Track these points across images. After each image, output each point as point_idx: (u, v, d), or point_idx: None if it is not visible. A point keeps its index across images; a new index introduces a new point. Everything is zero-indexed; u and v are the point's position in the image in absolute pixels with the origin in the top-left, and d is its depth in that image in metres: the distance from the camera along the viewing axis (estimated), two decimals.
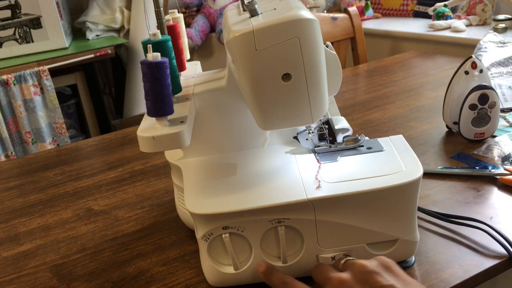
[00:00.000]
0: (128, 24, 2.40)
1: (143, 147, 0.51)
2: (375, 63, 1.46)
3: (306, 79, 0.49)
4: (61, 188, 0.86)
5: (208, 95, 0.59)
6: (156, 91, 0.49)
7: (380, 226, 0.53)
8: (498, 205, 0.66)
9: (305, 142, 0.61)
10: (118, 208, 0.77)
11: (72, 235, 0.71)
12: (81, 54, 2.07)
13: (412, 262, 0.56)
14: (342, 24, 1.64)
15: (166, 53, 0.53)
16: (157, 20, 0.57)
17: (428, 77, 1.25)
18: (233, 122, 0.61)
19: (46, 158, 1.00)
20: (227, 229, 0.51)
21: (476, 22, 2.02)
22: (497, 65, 1.11)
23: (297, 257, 0.53)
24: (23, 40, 2.13)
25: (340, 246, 0.53)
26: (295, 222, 0.51)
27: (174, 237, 0.67)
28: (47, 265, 0.64)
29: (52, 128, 2.06)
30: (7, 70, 1.95)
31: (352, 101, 1.14)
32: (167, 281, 0.58)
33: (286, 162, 0.59)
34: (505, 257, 0.56)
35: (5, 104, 1.95)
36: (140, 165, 0.91)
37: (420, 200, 0.67)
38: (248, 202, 0.51)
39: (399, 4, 2.44)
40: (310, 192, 0.51)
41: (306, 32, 0.47)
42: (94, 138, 1.10)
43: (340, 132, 0.61)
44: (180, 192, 0.64)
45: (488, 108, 0.81)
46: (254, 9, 0.50)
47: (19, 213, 0.79)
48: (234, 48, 0.48)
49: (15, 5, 2.09)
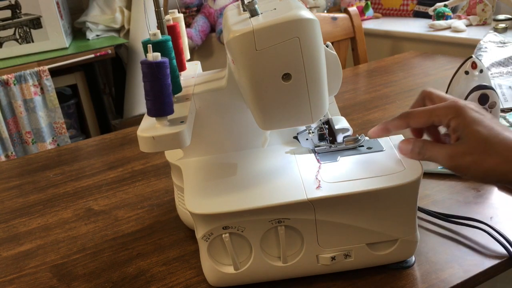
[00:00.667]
0: (128, 24, 2.40)
1: (143, 147, 0.51)
2: (375, 63, 1.46)
3: (306, 79, 0.49)
4: (61, 188, 0.86)
5: (208, 95, 0.59)
6: (156, 91, 0.49)
7: (380, 226, 0.53)
8: (498, 205, 0.66)
9: (305, 142, 0.61)
10: (118, 208, 0.77)
11: (72, 235, 0.71)
12: (81, 54, 2.07)
13: (412, 262, 0.56)
14: (342, 24, 1.64)
15: (166, 53, 0.53)
16: (157, 20, 0.57)
17: (428, 77, 1.25)
18: (233, 122, 0.61)
19: (46, 158, 1.00)
20: (227, 229, 0.51)
21: (476, 22, 2.02)
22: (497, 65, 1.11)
23: (297, 257, 0.53)
24: (23, 40, 2.13)
25: (340, 246, 0.53)
26: (295, 222, 0.51)
27: (174, 237, 0.67)
28: (47, 265, 0.64)
29: (52, 128, 2.06)
30: (7, 70, 1.95)
31: (352, 101, 1.14)
32: (167, 281, 0.58)
33: (286, 162, 0.59)
34: (505, 257, 0.56)
35: (5, 104, 1.95)
36: (140, 165, 0.91)
37: (420, 200, 0.67)
38: (248, 202, 0.51)
39: (399, 4, 2.44)
40: (310, 192, 0.51)
41: (306, 32, 0.47)
42: (94, 138, 1.10)
43: (340, 132, 0.61)
44: (180, 192, 0.64)
45: (488, 108, 0.81)
46: (254, 9, 0.50)
47: (19, 213, 0.79)
48: (234, 48, 0.48)
49: (15, 5, 2.09)
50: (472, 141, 0.49)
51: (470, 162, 0.49)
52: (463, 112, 0.50)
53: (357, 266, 0.55)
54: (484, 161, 0.48)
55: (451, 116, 0.51)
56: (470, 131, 0.49)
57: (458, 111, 0.50)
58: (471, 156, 0.49)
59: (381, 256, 0.54)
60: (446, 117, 0.51)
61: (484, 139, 0.49)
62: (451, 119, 0.51)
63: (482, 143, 0.49)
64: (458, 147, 0.50)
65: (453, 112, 0.51)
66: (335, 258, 0.53)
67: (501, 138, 0.48)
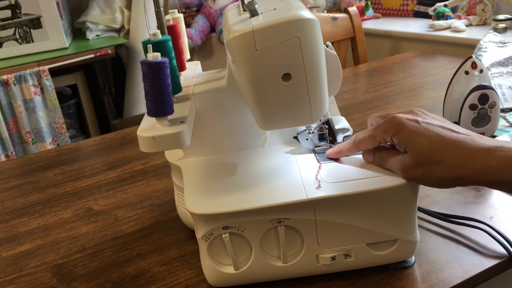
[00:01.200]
0: (128, 24, 2.40)
1: (143, 147, 0.51)
2: (375, 63, 1.46)
3: (306, 79, 0.49)
4: (61, 188, 0.86)
5: (208, 95, 0.59)
6: (156, 91, 0.49)
7: (380, 226, 0.53)
8: (498, 205, 0.66)
9: (305, 142, 0.61)
10: (118, 208, 0.77)
11: (72, 235, 0.71)
12: (81, 54, 2.07)
13: (412, 262, 0.56)
14: (342, 24, 1.65)
15: (166, 53, 0.53)
16: (157, 20, 0.57)
17: (428, 77, 1.25)
18: (233, 122, 0.61)
19: (46, 158, 1.00)
20: (227, 229, 0.51)
21: (476, 22, 2.03)
22: (497, 65, 1.11)
23: (297, 257, 0.53)
24: (23, 40, 2.13)
25: (340, 246, 0.53)
26: (295, 222, 0.51)
27: (174, 237, 0.67)
28: (47, 265, 0.64)
29: (52, 128, 2.06)
30: (7, 70, 1.95)
31: (352, 101, 1.14)
32: (167, 281, 0.58)
33: (286, 162, 0.59)
34: (505, 257, 0.56)
35: (5, 104, 1.95)
36: (140, 165, 0.91)
37: (420, 200, 0.67)
38: (248, 202, 0.51)
39: (399, 4, 2.44)
40: (310, 192, 0.51)
41: (306, 32, 0.47)
42: (94, 138, 1.10)
43: (340, 132, 0.61)
44: (180, 192, 0.64)
45: (488, 108, 0.81)
46: (254, 9, 0.50)
47: (19, 213, 0.79)
48: (234, 48, 0.48)
49: (15, 5, 2.09)
50: (415, 154, 0.49)
51: (421, 173, 0.49)
52: (400, 126, 0.50)
53: (357, 266, 0.55)
54: (434, 170, 0.48)
55: (391, 133, 0.51)
56: (411, 144, 0.49)
57: (396, 126, 0.50)
58: (420, 168, 0.49)
59: (381, 256, 0.54)
60: (387, 136, 0.51)
61: (425, 150, 0.48)
62: (392, 135, 0.51)
63: (426, 154, 0.48)
64: (407, 159, 0.50)
65: (392, 129, 0.51)
66: (335, 258, 0.53)
67: (443, 145, 0.48)
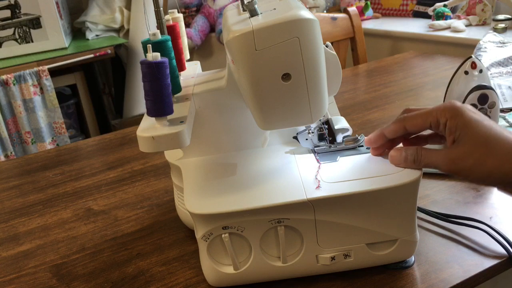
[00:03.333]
0: (128, 24, 2.40)
1: (143, 147, 0.51)
2: (375, 63, 1.46)
3: (306, 79, 0.49)
4: (60, 188, 0.86)
5: (208, 95, 0.59)
6: (156, 91, 0.49)
7: (380, 226, 0.53)
8: (498, 205, 0.66)
9: (305, 142, 0.61)
10: (117, 208, 0.77)
11: (72, 235, 0.71)
12: (81, 54, 2.07)
13: (412, 262, 0.56)
14: (342, 24, 1.65)
15: (166, 53, 0.53)
16: (157, 20, 0.57)
17: (428, 77, 1.25)
18: (233, 122, 0.61)
19: (46, 158, 1.00)
20: (227, 229, 0.51)
21: (476, 22, 2.03)
22: (497, 65, 1.11)
23: (297, 257, 0.53)
24: (23, 40, 2.13)
25: (340, 246, 0.53)
26: (294, 222, 0.51)
27: (174, 237, 0.67)
28: (46, 265, 0.64)
29: (52, 128, 2.06)
30: (6, 70, 1.95)
31: (352, 101, 1.14)
32: (166, 281, 0.58)
33: (286, 162, 0.59)
34: (505, 257, 0.56)
35: (5, 104, 1.95)
36: (140, 165, 0.91)
37: (420, 200, 0.67)
38: (248, 202, 0.51)
39: (399, 4, 2.44)
40: (310, 192, 0.51)
41: (306, 32, 0.47)
42: (94, 138, 1.10)
43: (340, 132, 0.61)
44: (180, 192, 0.64)
45: (488, 108, 0.81)
46: (254, 9, 0.50)
47: (18, 213, 0.79)
48: (234, 48, 0.48)
49: (14, 5, 2.09)
50: (472, 142, 0.48)
51: (472, 164, 0.48)
52: (461, 112, 0.50)
53: (356, 266, 0.55)
54: (486, 162, 0.48)
55: (448, 115, 0.50)
56: (469, 131, 0.49)
57: (455, 111, 0.50)
58: (472, 158, 0.48)
59: (380, 256, 0.54)
60: (443, 117, 0.50)
61: (484, 140, 0.48)
62: (448, 119, 0.50)
63: (483, 143, 0.48)
64: (458, 149, 0.49)
65: (450, 112, 0.50)
66: (335, 258, 0.53)
67: (500, 139, 0.48)
